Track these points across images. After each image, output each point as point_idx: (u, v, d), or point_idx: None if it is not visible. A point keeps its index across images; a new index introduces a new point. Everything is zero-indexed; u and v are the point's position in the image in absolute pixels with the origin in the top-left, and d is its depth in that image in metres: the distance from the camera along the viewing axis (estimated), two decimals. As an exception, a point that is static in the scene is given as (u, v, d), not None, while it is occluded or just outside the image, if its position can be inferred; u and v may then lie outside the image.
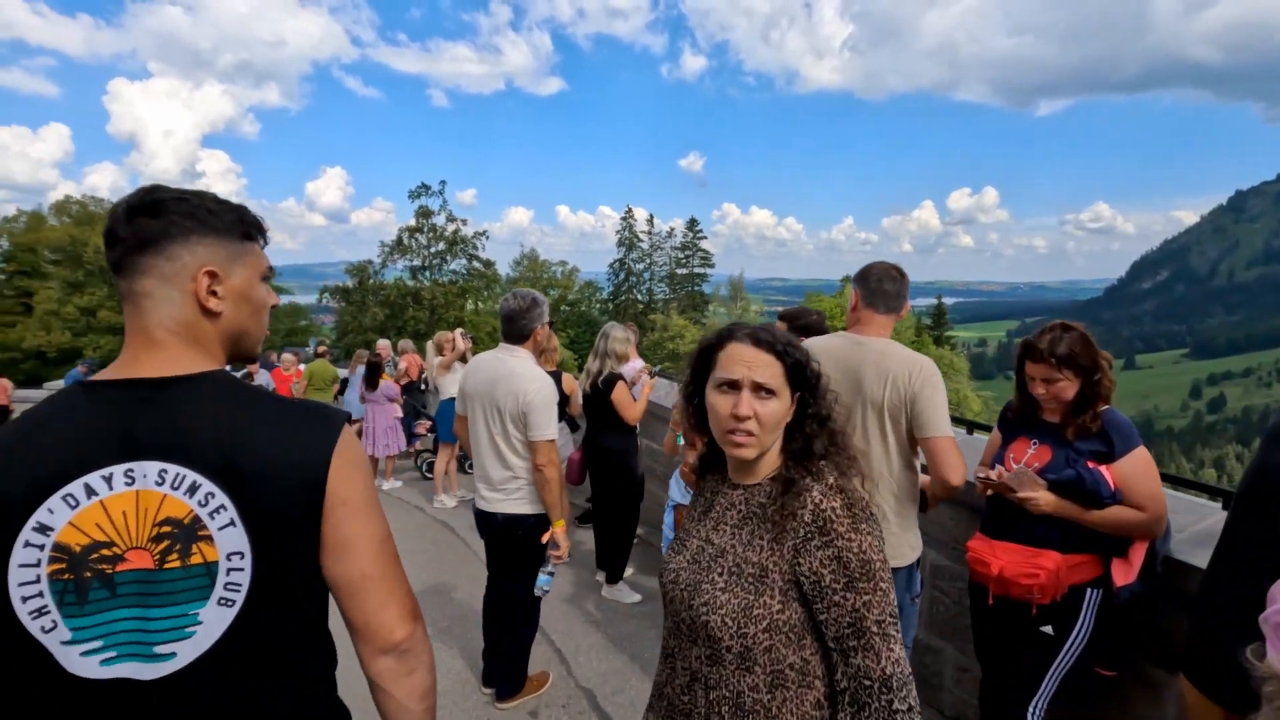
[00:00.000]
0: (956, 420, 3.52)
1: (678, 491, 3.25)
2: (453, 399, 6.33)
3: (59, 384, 11.99)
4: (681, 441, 3.10)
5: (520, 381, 2.79)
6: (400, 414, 7.33)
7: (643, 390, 4.30)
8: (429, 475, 7.41)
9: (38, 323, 35.71)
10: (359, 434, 8.83)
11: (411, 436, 7.72)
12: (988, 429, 3.63)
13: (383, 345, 9.08)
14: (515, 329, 2.90)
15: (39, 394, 12.49)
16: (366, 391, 7.18)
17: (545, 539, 2.91)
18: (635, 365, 4.52)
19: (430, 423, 7.57)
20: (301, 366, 10.00)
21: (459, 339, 6.55)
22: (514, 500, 2.90)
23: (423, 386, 8.63)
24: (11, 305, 37.04)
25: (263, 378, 10.51)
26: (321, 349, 9.95)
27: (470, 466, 3.28)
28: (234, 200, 1.08)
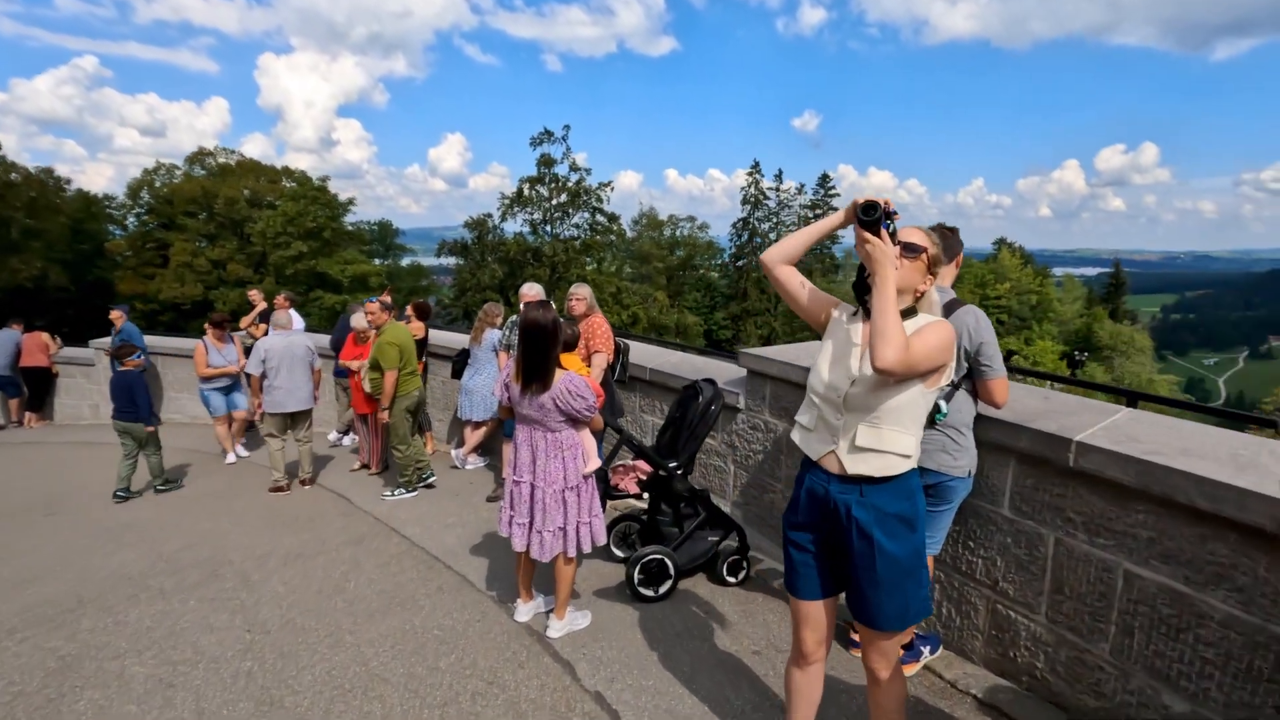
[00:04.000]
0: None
1: None
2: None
3: (106, 341, 8.94)
4: None
5: None
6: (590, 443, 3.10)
7: None
8: (648, 592, 3.23)
9: (173, 275, 35.64)
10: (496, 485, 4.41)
11: (609, 492, 3.49)
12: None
13: (530, 291, 4.85)
14: None
15: (85, 353, 9.64)
16: (528, 392, 2.99)
17: None
18: None
19: (649, 470, 3.35)
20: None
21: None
22: None
23: (617, 374, 4.42)
24: (151, 257, 37.33)
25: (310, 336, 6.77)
26: (385, 299, 5.42)
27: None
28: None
